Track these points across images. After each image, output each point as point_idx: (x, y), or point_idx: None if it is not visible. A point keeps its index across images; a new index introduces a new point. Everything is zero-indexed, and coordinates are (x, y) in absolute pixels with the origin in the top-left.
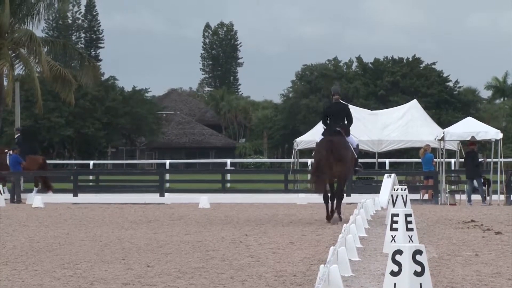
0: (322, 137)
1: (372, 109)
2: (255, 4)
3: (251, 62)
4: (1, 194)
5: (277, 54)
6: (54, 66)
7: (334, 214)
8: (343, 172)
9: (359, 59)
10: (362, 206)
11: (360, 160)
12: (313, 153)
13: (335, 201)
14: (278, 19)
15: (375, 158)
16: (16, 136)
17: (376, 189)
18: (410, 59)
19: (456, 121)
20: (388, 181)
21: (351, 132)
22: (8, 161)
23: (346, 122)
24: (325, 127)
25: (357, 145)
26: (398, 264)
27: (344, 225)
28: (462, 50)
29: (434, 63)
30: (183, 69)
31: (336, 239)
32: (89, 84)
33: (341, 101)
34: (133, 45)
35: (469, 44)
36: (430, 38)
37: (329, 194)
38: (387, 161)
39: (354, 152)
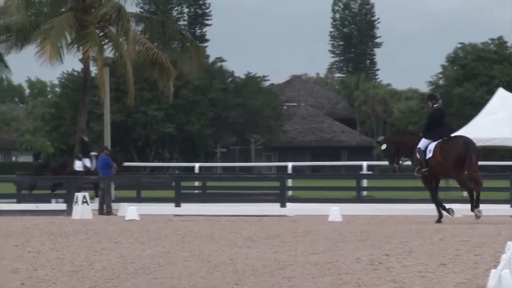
0: (439, 136)
1: None
2: None
3: (390, 43)
4: (88, 204)
5: (417, 33)
6: (151, 49)
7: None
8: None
9: None
10: None
11: None
12: (448, 149)
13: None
14: None
15: None
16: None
17: None
18: None
19: None
20: None
21: None
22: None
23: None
24: (431, 128)
25: None
26: None
27: (508, 242)
28: None
29: None
30: (308, 51)
31: (498, 259)
32: (192, 73)
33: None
34: (242, 23)
35: None
36: None
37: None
38: None
39: None
